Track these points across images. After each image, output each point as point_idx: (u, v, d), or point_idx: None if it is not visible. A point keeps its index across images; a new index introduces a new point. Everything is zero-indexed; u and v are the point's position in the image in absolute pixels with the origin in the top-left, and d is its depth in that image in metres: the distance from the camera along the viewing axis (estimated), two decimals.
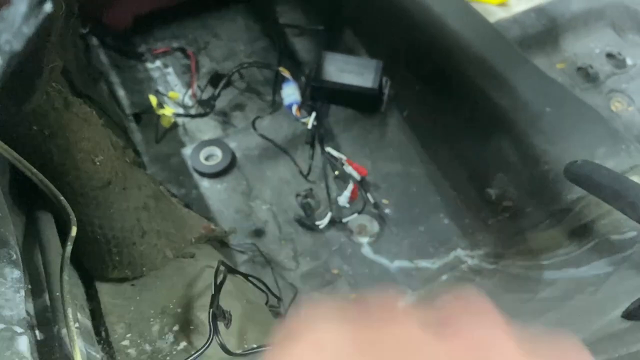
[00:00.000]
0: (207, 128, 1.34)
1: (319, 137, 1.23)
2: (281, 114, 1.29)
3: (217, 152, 1.21)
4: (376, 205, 1.19)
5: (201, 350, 0.49)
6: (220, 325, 0.52)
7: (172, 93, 1.40)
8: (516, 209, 1.09)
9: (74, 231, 0.47)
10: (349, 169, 1.18)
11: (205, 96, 1.37)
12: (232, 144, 1.23)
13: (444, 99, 1.20)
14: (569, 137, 1.00)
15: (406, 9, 1.25)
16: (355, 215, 1.17)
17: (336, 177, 1.22)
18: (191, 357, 0.49)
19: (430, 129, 1.24)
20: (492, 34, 1.24)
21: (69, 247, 0.47)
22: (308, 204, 1.18)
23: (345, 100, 1.28)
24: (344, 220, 1.16)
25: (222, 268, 0.59)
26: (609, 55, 1.43)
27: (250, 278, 0.76)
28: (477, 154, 1.13)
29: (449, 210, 1.18)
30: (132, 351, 0.47)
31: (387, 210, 1.19)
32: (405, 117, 1.28)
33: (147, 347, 0.48)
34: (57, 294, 0.44)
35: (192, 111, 1.36)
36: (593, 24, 1.47)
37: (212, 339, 0.50)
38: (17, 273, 0.43)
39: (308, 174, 1.22)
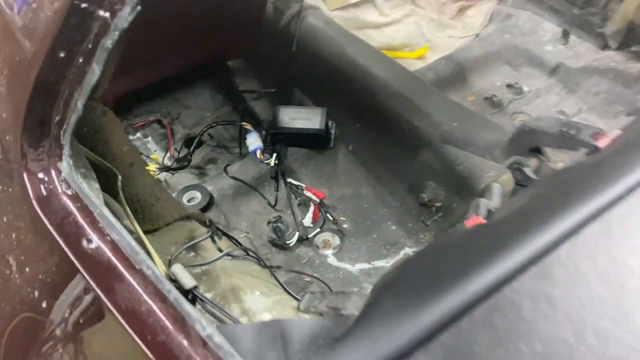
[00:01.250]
0: (186, 180, 1.56)
1: (281, 172, 1.47)
2: (248, 159, 1.54)
3: (197, 194, 1.43)
4: (335, 222, 1.42)
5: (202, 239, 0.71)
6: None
7: (154, 155, 1.64)
8: (446, 208, 1.34)
9: (119, 180, 0.69)
10: (308, 194, 1.43)
11: (181, 155, 1.61)
12: (210, 187, 1.47)
13: (378, 131, 1.48)
14: (474, 142, 1.28)
15: (342, 67, 1.56)
16: (319, 231, 1.39)
17: (299, 203, 1.45)
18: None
19: (371, 156, 1.51)
20: (410, 77, 1.55)
21: (120, 191, 0.68)
22: (278, 228, 1.41)
23: (300, 141, 1.54)
24: (310, 236, 1.39)
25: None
26: (509, 86, 1.77)
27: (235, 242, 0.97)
28: (409, 168, 1.39)
29: (395, 218, 1.42)
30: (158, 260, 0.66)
31: (345, 225, 1.43)
32: (350, 150, 1.55)
33: (168, 257, 0.67)
34: None
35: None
36: (492, 63, 1.83)
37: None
38: None
39: (275, 204, 1.45)
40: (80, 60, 0.57)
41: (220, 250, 0.76)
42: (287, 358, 0.45)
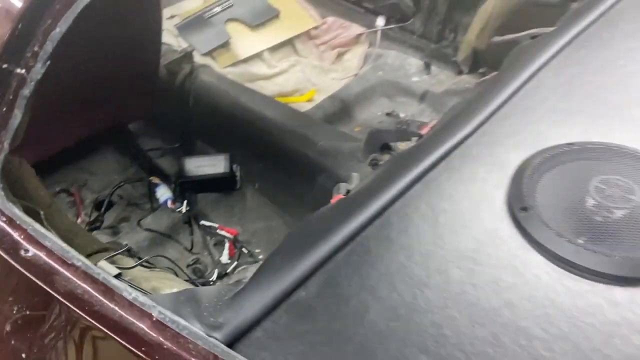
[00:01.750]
0: (101, 240, 1.60)
1: (193, 217, 1.56)
2: (160, 211, 1.62)
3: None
4: (251, 255, 1.52)
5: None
6: None
7: None
8: None
9: (42, 215, 0.78)
10: (222, 232, 1.52)
11: (92, 219, 1.65)
12: (125, 241, 1.51)
13: (279, 166, 1.63)
14: (342, 151, 1.45)
15: (238, 114, 1.71)
16: (236, 265, 1.48)
17: (215, 243, 1.54)
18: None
19: (276, 190, 1.65)
20: (301, 116, 1.74)
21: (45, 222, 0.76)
22: (197, 269, 1.48)
23: (208, 186, 1.65)
24: (229, 271, 1.47)
25: None
26: (388, 114, 2.01)
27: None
28: (309, 193, 1.54)
29: None
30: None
31: (261, 256, 1.53)
32: (257, 188, 1.68)
33: None
34: None
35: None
36: (371, 97, 2.08)
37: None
38: None
39: (192, 247, 1.53)
40: (4, 109, 0.68)
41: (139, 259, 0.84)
42: (199, 311, 0.56)
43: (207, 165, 1.64)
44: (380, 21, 2.27)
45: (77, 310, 0.62)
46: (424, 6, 2.11)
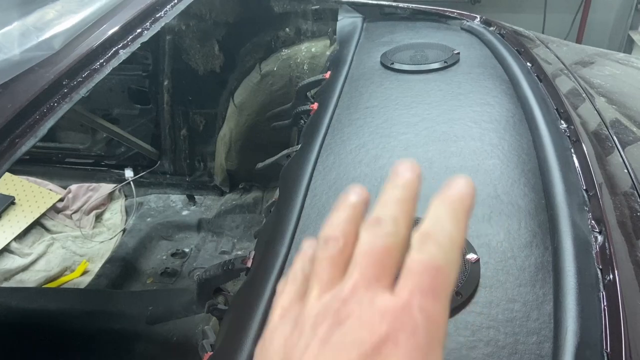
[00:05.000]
0: None
1: None
2: None
3: None
4: None
5: None
6: None
7: None
8: None
9: None
10: None
11: None
12: None
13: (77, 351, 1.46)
14: (175, 310, 1.43)
15: (9, 322, 1.47)
16: None
17: None
18: None
19: None
20: (86, 294, 1.60)
21: None
22: None
23: None
24: None
25: None
26: (173, 254, 2.01)
27: None
28: None
29: None
30: None
31: None
32: None
33: None
34: None
35: None
36: (150, 244, 2.05)
37: None
38: None
39: None
40: None
41: None
42: None
43: None
44: (129, 173, 2.29)
45: None
46: (166, 147, 2.23)
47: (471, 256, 0.73)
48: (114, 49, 0.87)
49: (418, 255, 0.27)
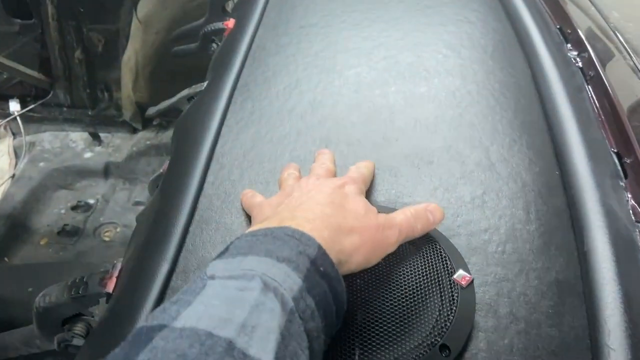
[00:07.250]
0: None
1: None
2: None
3: None
4: None
5: None
6: None
7: None
8: None
9: None
10: None
11: None
12: None
13: None
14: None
15: None
16: None
17: None
18: None
19: None
20: None
21: None
22: None
23: None
24: None
25: None
26: (74, 207, 1.66)
27: None
28: None
29: None
30: None
31: None
32: None
33: None
34: None
35: None
36: (44, 196, 1.68)
37: None
38: None
39: None
40: None
41: None
42: None
43: None
44: (14, 105, 1.86)
45: None
46: (58, 73, 1.80)
47: (461, 275, 0.46)
48: None
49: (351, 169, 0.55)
